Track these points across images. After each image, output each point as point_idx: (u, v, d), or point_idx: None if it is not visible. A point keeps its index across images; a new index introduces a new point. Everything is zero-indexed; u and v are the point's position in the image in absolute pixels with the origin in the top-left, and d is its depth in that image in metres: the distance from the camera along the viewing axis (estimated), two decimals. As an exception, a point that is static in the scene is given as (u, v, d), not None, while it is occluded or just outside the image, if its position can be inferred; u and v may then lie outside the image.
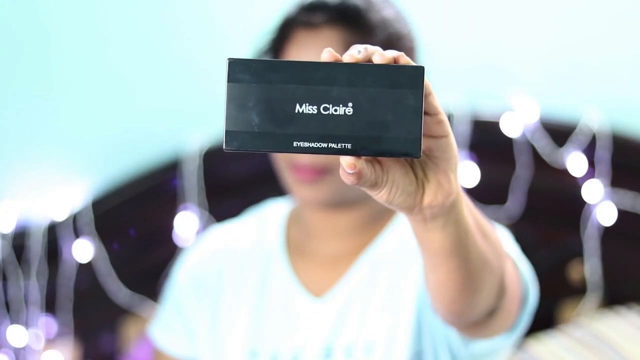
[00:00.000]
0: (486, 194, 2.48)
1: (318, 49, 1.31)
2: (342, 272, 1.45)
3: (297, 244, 1.50)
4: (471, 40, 2.55)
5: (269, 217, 1.55)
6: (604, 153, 2.45)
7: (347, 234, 1.45)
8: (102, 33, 2.56)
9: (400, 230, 1.46)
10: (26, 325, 2.49)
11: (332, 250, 1.46)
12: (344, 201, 1.41)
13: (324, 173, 1.36)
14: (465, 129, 2.46)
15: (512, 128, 2.47)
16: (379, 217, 1.46)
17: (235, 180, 2.51)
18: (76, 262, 2.48)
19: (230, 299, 1.51)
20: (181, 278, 1.57)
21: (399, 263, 1.42)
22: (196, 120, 2.54)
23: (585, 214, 2.46)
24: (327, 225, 1.45)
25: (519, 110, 2.48)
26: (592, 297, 2.48)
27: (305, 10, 1.35)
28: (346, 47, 1.30)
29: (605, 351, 2.30)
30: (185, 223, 2.49)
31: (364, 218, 1.45)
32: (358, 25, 1.32)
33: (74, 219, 2.48)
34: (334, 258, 1.47)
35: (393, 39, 1.35)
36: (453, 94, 2.46)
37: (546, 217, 2.50)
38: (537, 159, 2.46)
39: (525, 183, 2.47)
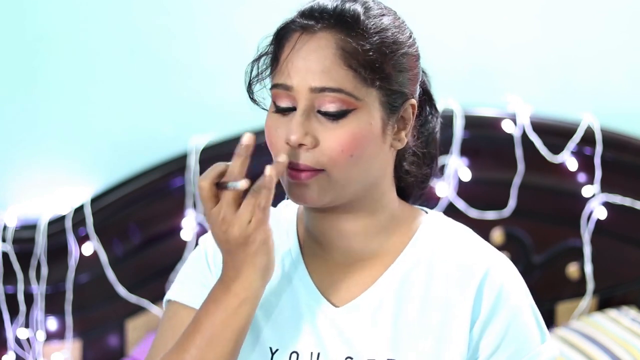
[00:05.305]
0: (484, 196, 2.49)
1: (313, 50, 1.34)
2: (365, 279, 1.42)
3: (307, 246, 1.47)
4: (468, 44, 2.56)
5: (281, 217, 1.51)
6: (599, 154, 2.46)
7: (355, 239, 1.42)
8: (105, 34, 2.57)
9: (457, 248, 1.39)
10: (27, 325, 2.50)
11: (343, 254, 1.43)
12: (340, 202, 1.38)
13: (316, 173, 1.35)
14: (462, 131, 2.47)
15: (508, 130, 2.48)
16: (396, 222, 1.42)
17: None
18: (77, 261, 2.49)
19: None
20: (207, 249, 1.50)
21: (449, 289, 1.36)
22: (199, 122, 2.55)
23: (580, 214, 2.47)
24: (331, 228, 1.42)
25: (514, 112, 2.49)
26: (588, 297, 2.49)
27: (304, 15, 1.37)
28: (340, 51, 1.33)
29: (596, 353, 2.30)
30: (185, 224, 2.51)
31: (372, 223, 1.40)
32: (353, 30, 1.34)
33: (76, 219, 2.50)
34: (350, 264, 1.43)
35: (386, 46, 1.35)
36: (450, 96, 2.47)
37: (542, 218, 2.51)
38: (533, 160, 2.47)
39: (521, 184, 2.48)
